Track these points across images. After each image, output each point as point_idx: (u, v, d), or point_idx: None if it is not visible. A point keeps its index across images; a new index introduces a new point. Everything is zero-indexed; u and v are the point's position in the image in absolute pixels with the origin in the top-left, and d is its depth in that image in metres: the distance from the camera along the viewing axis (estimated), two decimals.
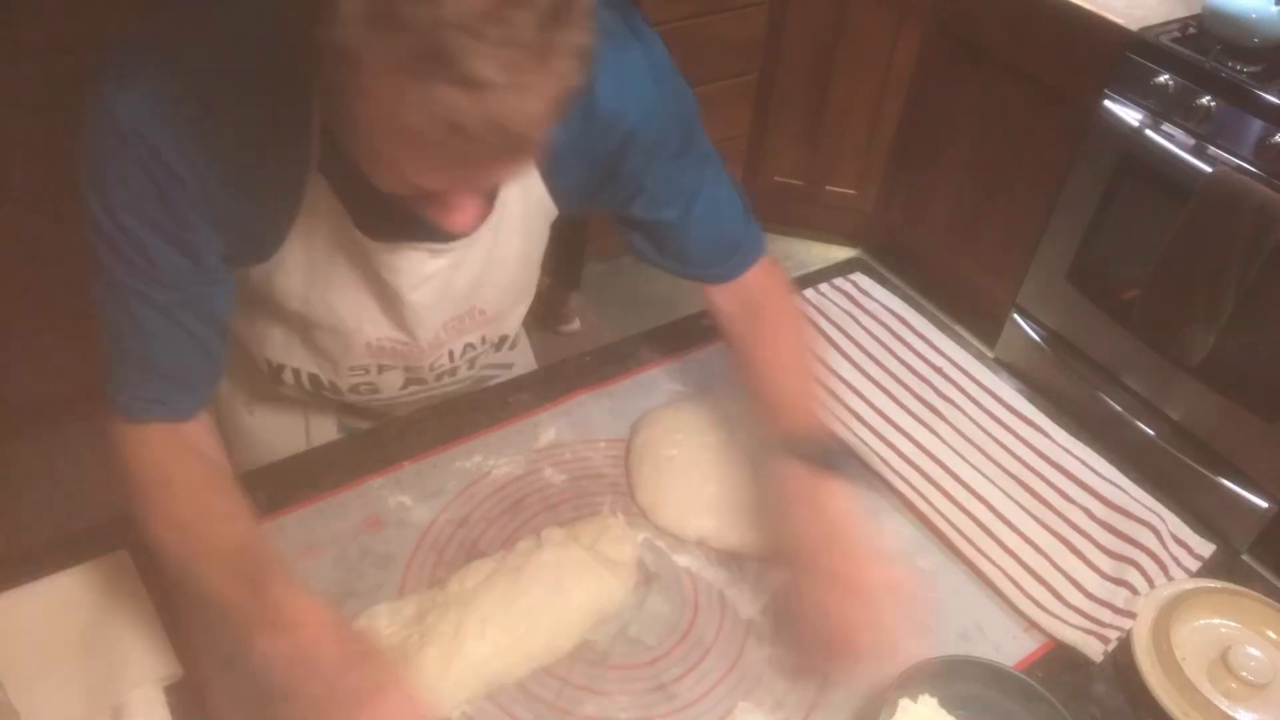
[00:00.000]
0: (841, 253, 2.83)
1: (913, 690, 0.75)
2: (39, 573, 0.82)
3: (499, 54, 0.50)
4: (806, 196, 2.79)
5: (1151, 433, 2.10)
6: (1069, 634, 0.86)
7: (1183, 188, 1.86)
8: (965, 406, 1.09)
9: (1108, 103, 2.00)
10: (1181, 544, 0.96)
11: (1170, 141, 1.90)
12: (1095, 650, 0.84)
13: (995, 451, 1.04)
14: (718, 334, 0.98)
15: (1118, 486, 1.00)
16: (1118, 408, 2.15)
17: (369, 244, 0.78)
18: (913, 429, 1.05)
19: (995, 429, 1.06)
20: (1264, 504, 1.96)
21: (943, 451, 1.03)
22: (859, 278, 1.27)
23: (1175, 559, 0.94)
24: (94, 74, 0.67)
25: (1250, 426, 1.93)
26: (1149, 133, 1.93)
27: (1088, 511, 0.97)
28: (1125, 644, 0.85)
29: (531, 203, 0.86)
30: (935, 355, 1.15)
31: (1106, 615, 0.87)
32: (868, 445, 1.03)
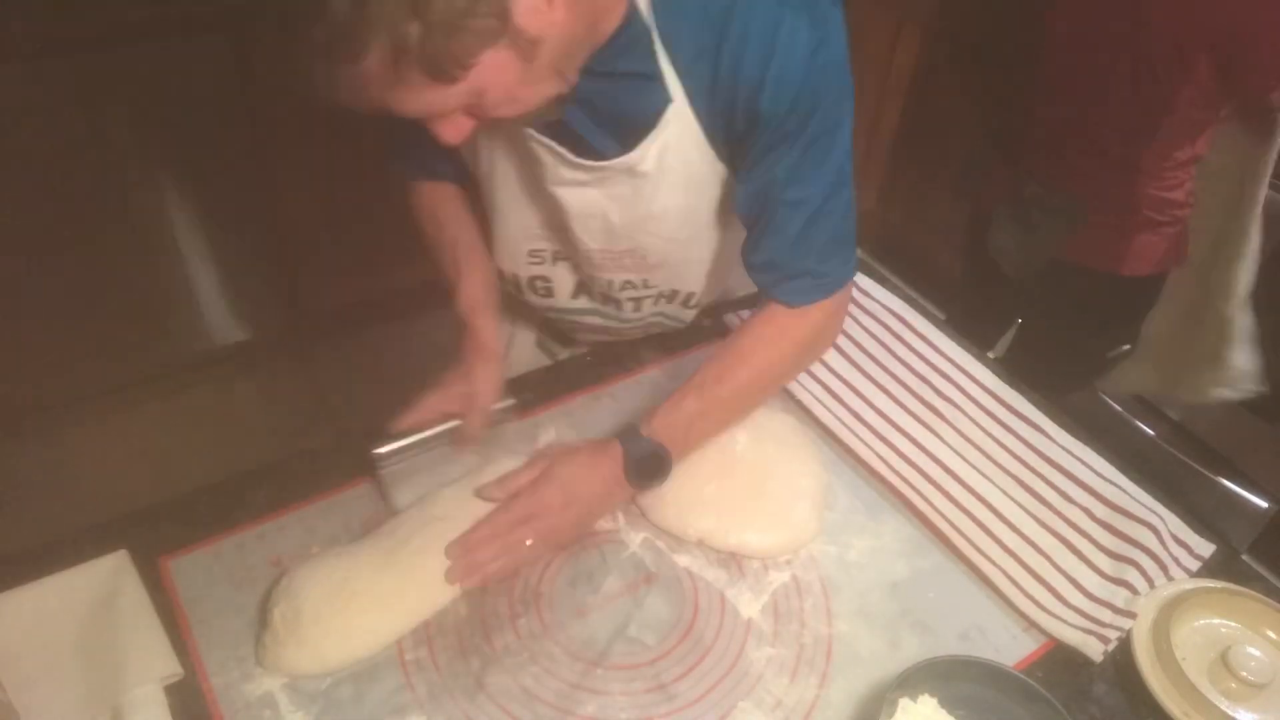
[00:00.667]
0: None
1: (913, 690, 0.75)
2: (39, 573, 0.82)
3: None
4: None
5: (1151, 433, 2.10)
6: (1069, 634, 0.86)
7: None
8: (965, 406, 1.09)
9: None
10: (1181, 544, 0.96)
11: None
12: (1095, 650, 0.84)
13: (995, 451, 1.04)
14: (717, 334, 0.98)
15: (1118, 486, 1.00)
16: (1118, 408, 2.15)
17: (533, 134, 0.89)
18: (913, 429, 1.05)
19: (995, 429, 1.06)
20: (1264, 504, 1.96)
21: (943, 451, 1.03)
22: (859, 278, 1.27)
23: (1175, 559, 0.94)
24: None
25: (1250, 426, 1.93)
26: None
27: (1088, 511, 0.97)
28: (1125, 644, 0.85)
29: (693, 160, 0.89)
30: (935, 355, 1.15)
31: (1106, 615, 0.87)
32: (868, 445, 1.03)
